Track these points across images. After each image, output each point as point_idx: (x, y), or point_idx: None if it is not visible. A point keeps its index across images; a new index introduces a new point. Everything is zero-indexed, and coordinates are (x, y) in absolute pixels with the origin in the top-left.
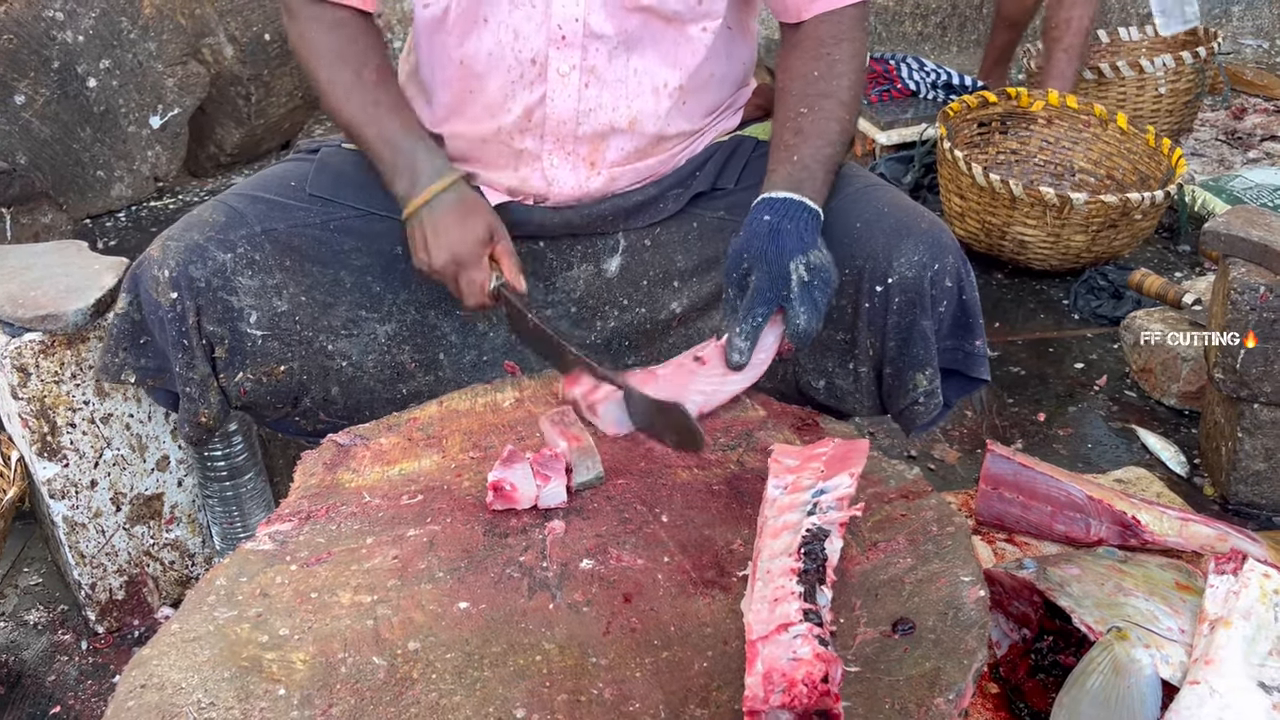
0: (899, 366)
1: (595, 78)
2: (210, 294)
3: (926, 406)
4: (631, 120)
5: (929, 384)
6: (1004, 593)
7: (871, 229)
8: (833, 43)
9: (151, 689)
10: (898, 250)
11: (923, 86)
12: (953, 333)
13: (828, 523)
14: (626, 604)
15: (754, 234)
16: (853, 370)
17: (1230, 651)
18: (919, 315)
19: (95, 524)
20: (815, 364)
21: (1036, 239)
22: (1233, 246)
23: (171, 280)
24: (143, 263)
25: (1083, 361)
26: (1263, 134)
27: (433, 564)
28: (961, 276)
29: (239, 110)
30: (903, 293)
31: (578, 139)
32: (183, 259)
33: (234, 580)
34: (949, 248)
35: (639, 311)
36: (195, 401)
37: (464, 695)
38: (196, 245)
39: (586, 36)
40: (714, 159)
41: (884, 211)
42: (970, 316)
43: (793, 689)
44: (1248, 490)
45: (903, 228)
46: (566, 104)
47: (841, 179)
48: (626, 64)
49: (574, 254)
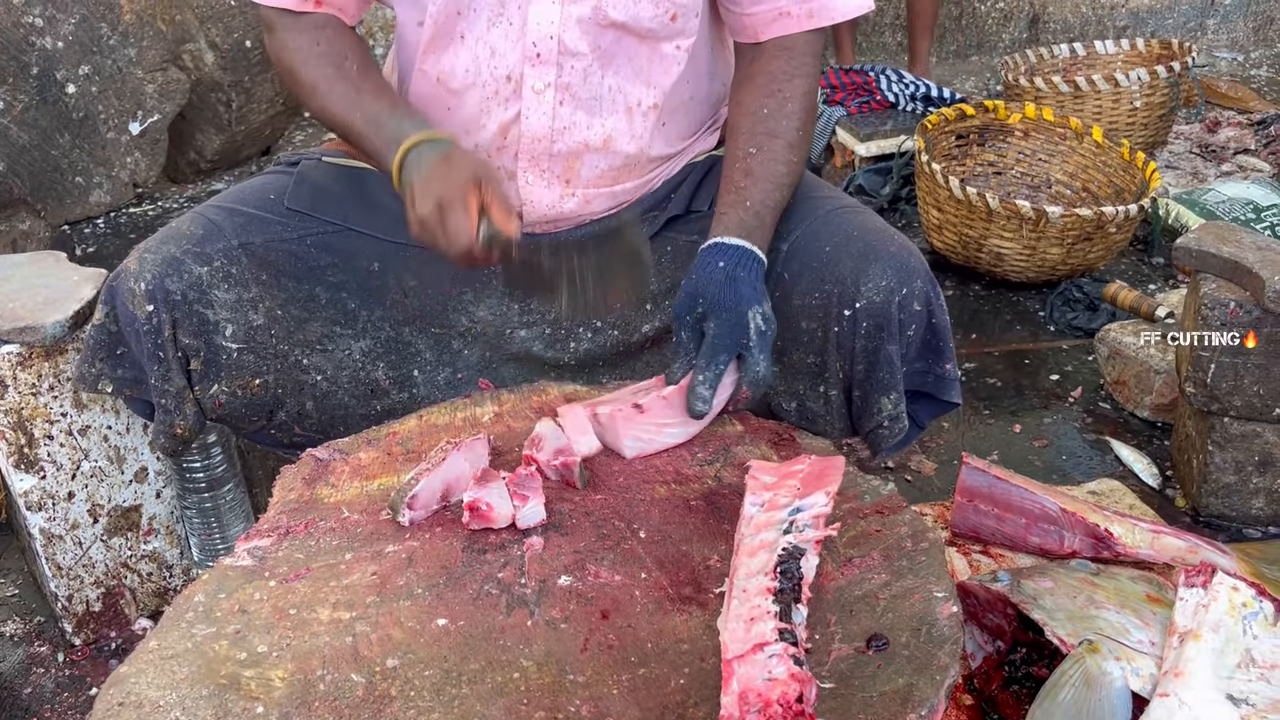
0: (866, 390)
1: (570, 95)
2: (186, 307)
3: (891, 430)
4: (606, 139)
5: (893, 408)
6: (978, 605)
7: (840, 253)
8: (784, 79)
9: (129, 707)
10: (865, 275)
11: (901, 98)
12: (922, 355)
13: (804, 541)
14: (604, 620)
15: (709, 279)
16: (823, 393)
17: (1199, 664)
18: (885, 340)
19: (72, 535)
20: (787, 386)
21: (1013, 251)
22: (1204, 262)
23: (148, 293)
24: (119, 275)
25: (1058, 373)
26: (1236, 147)
27: (411, 580)
28: (930, 300)
29: (219, 116)
30: (870, 317)
31: (552, 156)
32: (159, 272)
33: (212, 596)
34: (917, 271)
35: (612, 334)
36: (171, 413)
37: (442, 713)
38: (173, 258)
39: (561, 54)
40: (689, 180)
41: (852, 235)
42: (940, 340)
43: (768, 709)
44: (1218, 503)
45: (871, 252)
46: (541, 121)
47: (811, 200)
48: (601, 81)
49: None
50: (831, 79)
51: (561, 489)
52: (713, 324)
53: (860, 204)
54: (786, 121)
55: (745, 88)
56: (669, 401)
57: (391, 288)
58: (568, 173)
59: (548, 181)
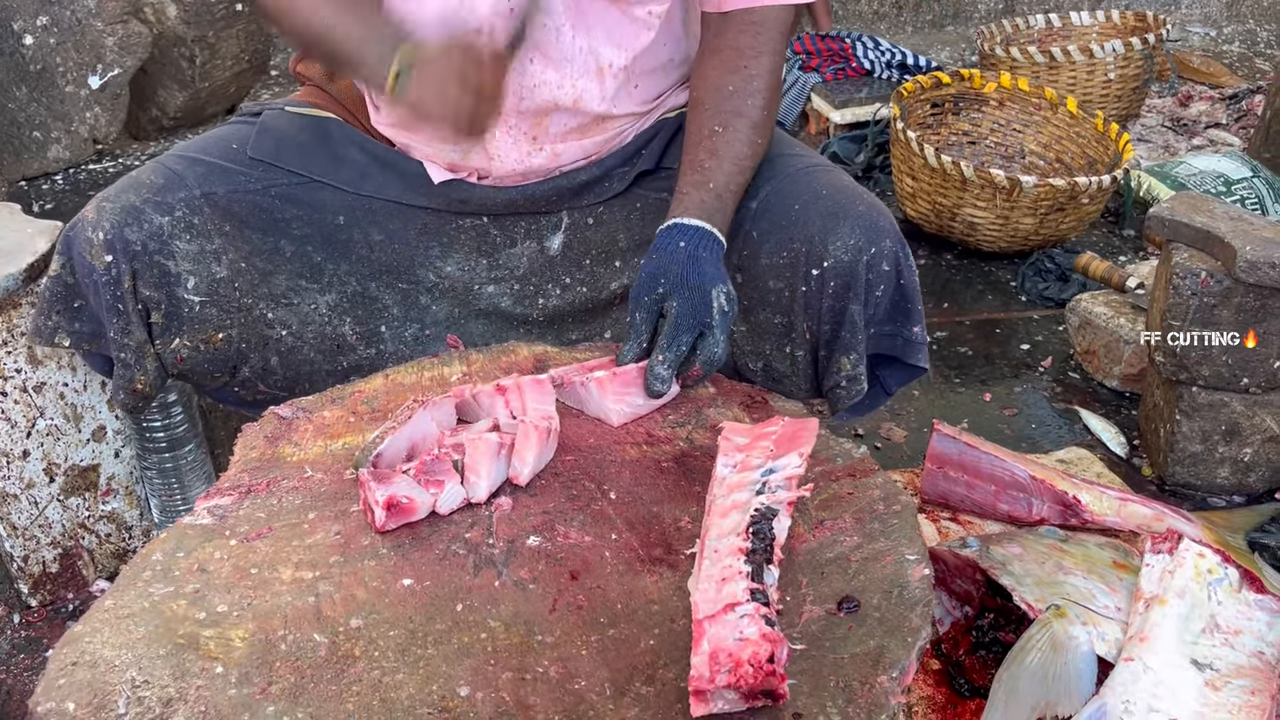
0: (831, 350)
1: (540, 53)
2: (146, 258)
3: (849, 391)
4: (575, 99)
5: (852, 369)
6: (947, 570)
7: (809, 211)
8: (752, 55)
9: (83, 666)
10: (833, 234)
11: (877, 65)
12: (890, 317)
13: (776, 502)
14: (573, 581)
15: (671, 259)
16: (789, 354)
17: (1164, 629)
18: (850, 300)
19: (28, 495)
20: (753, 346)
21: (986, 220)
22: (1176, 232)
23: (106, 242)
24: (76, 224)
25: (1029, 343)
26: (1207, 121)
27: (376, 541)
28: (899, 261)
29: (182, 72)
30: (837, 277)
31: (520, 114)
32: (118, 221)
33: (171, 555)
34: (886, 231)
35: (580, 290)
36: (131, 368)
37: (407, 673)
38: (133, 207)
39: (533, 9)
40: (660, 136)
41: (822, 194)
42: (909, 302)
43: (738, 669)
44: (1184, 471)
45: (840, 210)
46: (510, 78)
47: (782, 158)
48: (572, 41)
49: (517, 230)
50: (807, 45)
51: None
52: (675, 303)
53: (831, 163)
54: (752, 100)
55: (710, 60)
56: (625, 380)
57: (358, 241)
58: (535, 129)
59: (514, 138)
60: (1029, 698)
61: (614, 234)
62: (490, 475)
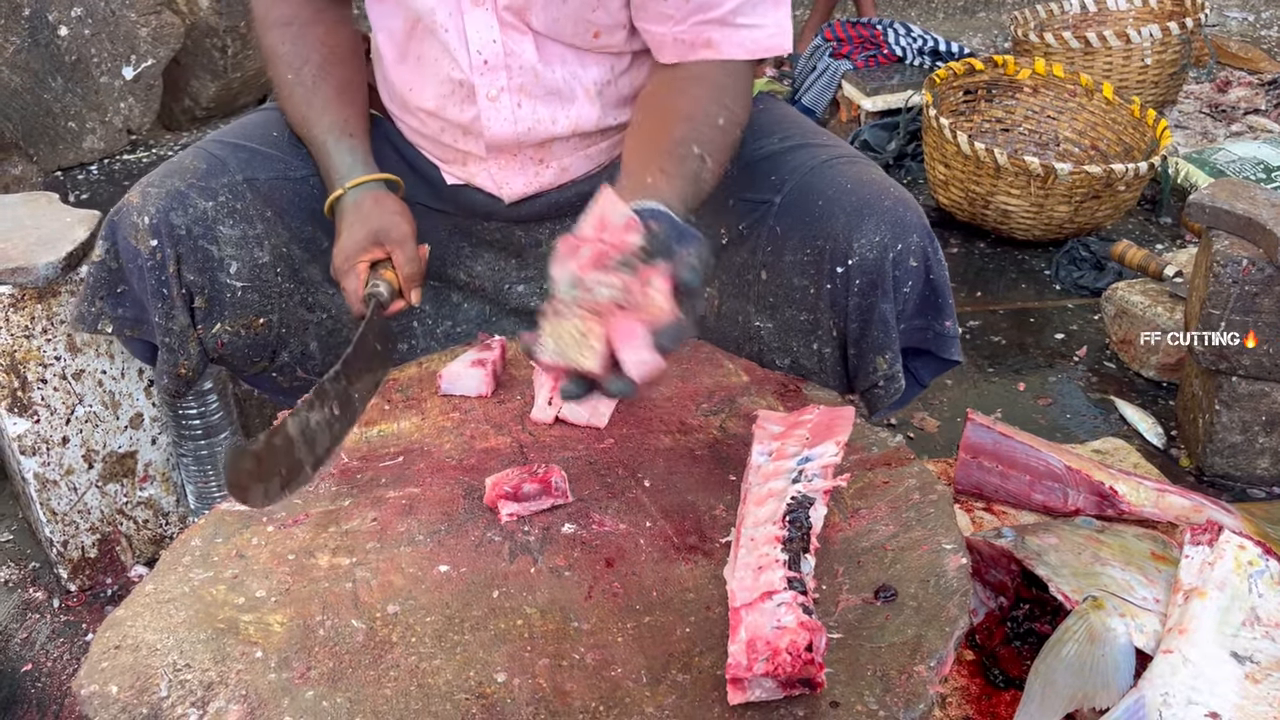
0: (861, 349)
1: (526, 95)
2: (191, 242)
3: (888, 390)
4: (573, 126)
5: (889, 368)
6: (982, 561)
7: (833, 207)
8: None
9: (126, 650)
10: (859, 230)
11: (909, 52)
12: (921, 313)
13: (813, 491)
14: (608, 569)
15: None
16: (816, 351)
17: (1204, 621)
18: (879, 298)
19: (67, 481)
20: (780, 343)
21: (1020, 209)
22: (1217, 219)
23: (152, 227)
24: (121, 209)
25: (1063, 332)
26: (1246, 107)
27: (412, 527)
28: (928, 255)
29: (214, 63)
30: (863, 274)
31: (520, 148)
32: (163, 205)
33: (209, 541)
34: (914, 226)
35: None
36: (175, 353)
37: (444, 659)
38: (178, 192)
39: (508, 57)
40: None
41: (846, 188)
42: (939, 296)
43: (776, 657)
44: (1223, 462)
45: (865, 206)
46: (503, 126)
47: (807, 149)
48: (553, 75)
49: (542, 232)
50: (839, 32)
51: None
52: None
53: (858, 153)
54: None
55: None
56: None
57: None
58: (539, 154)
59: (520, 164)
60: (1065, 689)
61: None
62: None
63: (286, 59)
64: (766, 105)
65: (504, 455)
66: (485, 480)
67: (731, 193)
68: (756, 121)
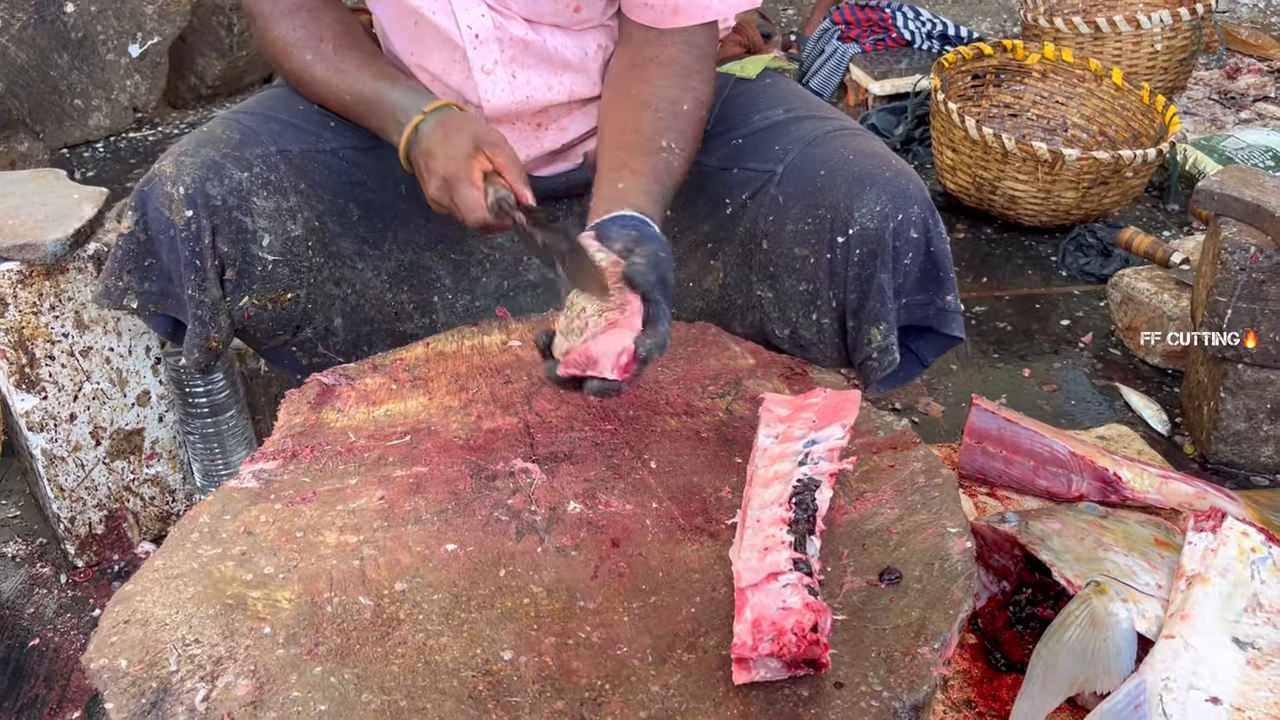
0: (859, 319)
1: (520, 67)
2: (226, 213)
3: (880, 362)
4: (569, 93)
5: (883, 339)
6: (985, 546)
7: (834, 177)
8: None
9: (135, 624)
10: (859, 200)
11: (918, 36)
12: (921, 286)
13: (819, 473)
14: (615, 549)
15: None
16: (816, 321)
17: (1206, 607)
18: (878, 268)
19: (75, 458)
20: (779, 313)
21: (1027, 194)
22: (1225, 206)
23: (187, 197)
24: (153, 179)
25: (1069, 318)
26: (1256, 94)
27: (419, 506)
28: (929, 227)
29: (220, 41)
30: (863, 244)
31: (520, 116)
32: (199, 175)
33: (218, 518)
34: (914, 197)
35: None
36: (206, 325)
37: (451, 636)
38: (213, 161)
39: (498, 30)
40: None
41: (848, 159)
42: (940, 269)
43: (782, 638)
44: (1227, 449)
45: (866, 176)
46: (501, 97)
47: (811, 120)
48: (545, 44)
49: (559, 207)
50: (846, 15)
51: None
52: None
53: (861, 127)
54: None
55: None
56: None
57: (415, 212)
58: (538, 118)
59: (520, 131)
60: (1067, 673)
61: None
62: None
63: (301, 42)
64: (773, 80)
65: (510, 435)
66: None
67: (735, 162)
68: (762, 94)
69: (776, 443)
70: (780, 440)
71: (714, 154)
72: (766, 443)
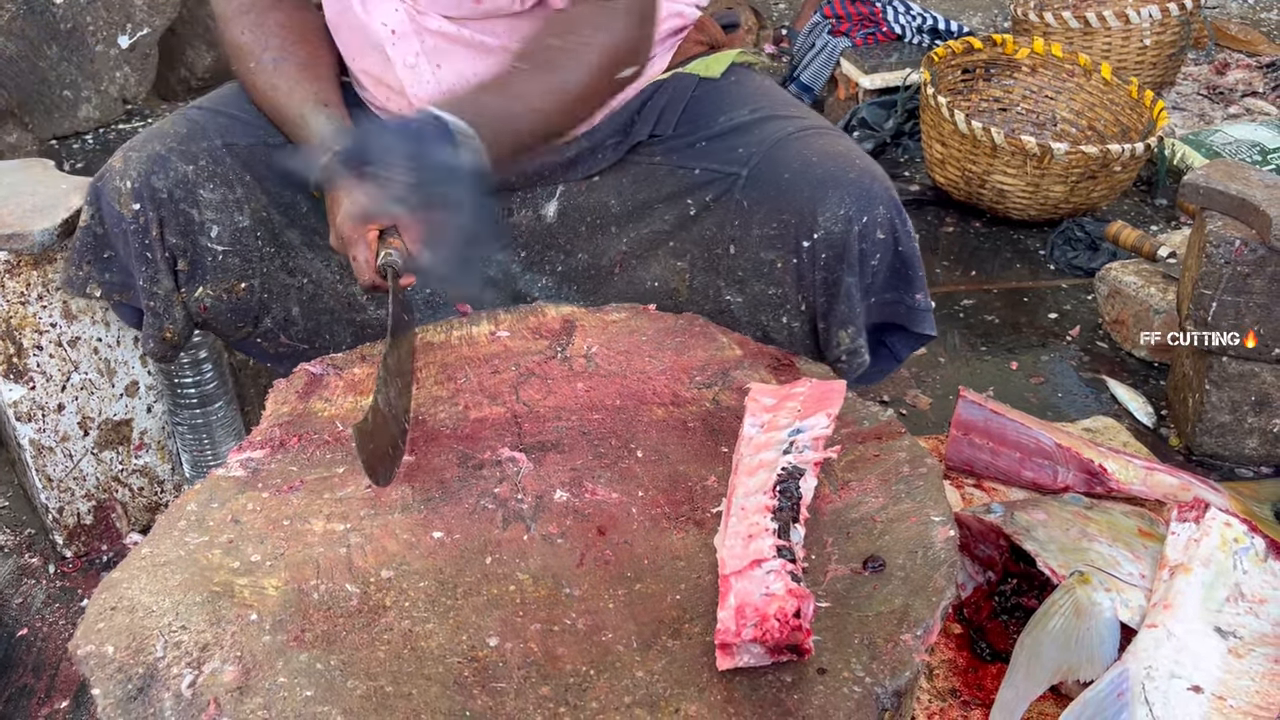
0: (828, 322)
1: (443, 57)
2: (173, 205)
3: (850, 365)
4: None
5: (850, 342)
6: (971, 536)
7: (798, 180)
8: (591, 28)
9: (122, 611)
10: (823, 204)
11: (908, 30)
12: (890, 285)
13: (803, 462)
14: (600, 537)
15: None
16: (786, 325)
17: (1189, 597)
18: (844, 272)
19: (63, 448)
20: (749, 318)
21: (1016, 188)
22: (1211, 199)
23: (134, 191)
24: (104, 174)
25: (1057, 312)
26: (1244, 90)
27: (406, 494)
28: (896, 227)
29: (210, 33)
30: (829, 248)
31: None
32: (145, 169)
33: (205, 506)
34: (879, 198)
35: (581, 257)
36: (160, 317)
37: (437, 623)
38: (159, 155)
39: (414, 24)
40: (651, 103)
41: (812, 161)
42: (909, 269)
43: (765, 623)
44: (1212, 442)
45: (829, 179)
46: (426, 89)
47: (775, 120)
48: (472, 38)
49: (513, 201)
50: (838, 9)
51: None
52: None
53: (827, 124)
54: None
55: (546, 23)
56: None
57: None
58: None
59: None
60: (1051, 662)
61: (605, 200)
62: None
63: (247, 49)
64: (739, 78)
65: (498, 425)
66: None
67: (698, 162)
68: (727, 94)
69: (762, 432)
70: (765, 429)
71: (677, 155)
72: (752, 432)
